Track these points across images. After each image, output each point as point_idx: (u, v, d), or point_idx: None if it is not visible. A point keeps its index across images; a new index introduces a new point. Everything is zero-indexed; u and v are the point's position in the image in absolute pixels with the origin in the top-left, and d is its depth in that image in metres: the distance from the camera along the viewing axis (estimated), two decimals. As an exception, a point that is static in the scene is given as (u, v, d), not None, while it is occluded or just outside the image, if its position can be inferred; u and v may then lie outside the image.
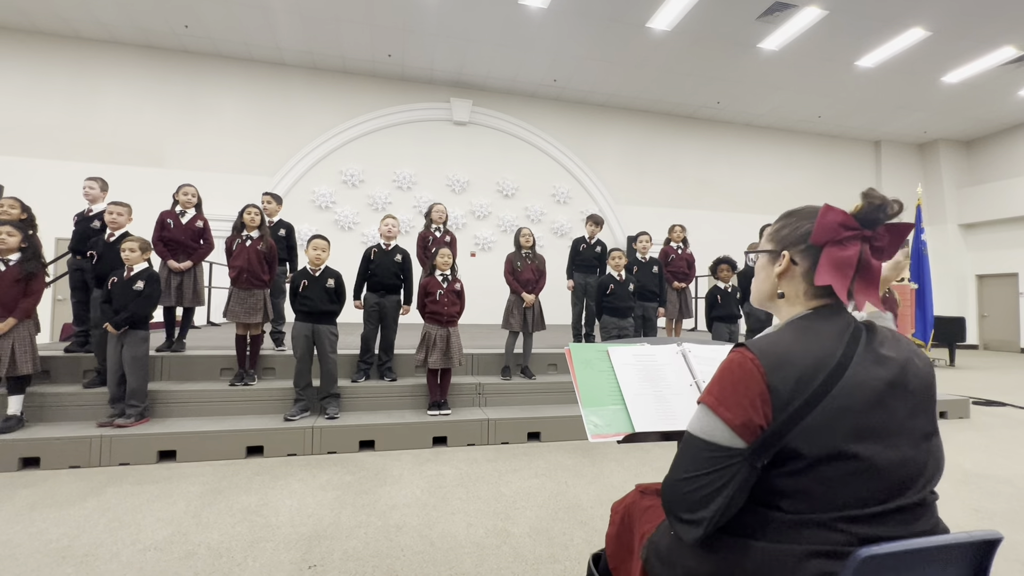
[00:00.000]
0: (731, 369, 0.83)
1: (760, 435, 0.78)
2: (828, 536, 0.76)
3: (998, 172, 12.25)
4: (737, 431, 0.79)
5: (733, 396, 0.81)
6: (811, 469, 0.77)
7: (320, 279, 3.82)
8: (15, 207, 3.81)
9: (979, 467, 3.51)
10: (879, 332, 0.87)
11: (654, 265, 5.29)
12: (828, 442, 0.76)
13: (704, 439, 0.83)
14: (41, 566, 2.04)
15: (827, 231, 0.88)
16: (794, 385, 0.78)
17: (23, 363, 3.26)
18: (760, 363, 0.80)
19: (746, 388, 0.80)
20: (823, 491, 0.77)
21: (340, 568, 2.07)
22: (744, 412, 0.79)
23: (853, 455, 0.77)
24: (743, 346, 0.85)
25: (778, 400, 0.78)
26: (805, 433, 0.76)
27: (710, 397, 0.84)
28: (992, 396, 6.17)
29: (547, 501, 2.80)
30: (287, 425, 3.59)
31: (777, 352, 0.81)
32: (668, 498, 0.85)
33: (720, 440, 0.81)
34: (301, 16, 7.89)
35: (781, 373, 0.79)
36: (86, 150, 8.48)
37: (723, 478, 0.79)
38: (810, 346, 0.82)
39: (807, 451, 0.76)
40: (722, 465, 0.80)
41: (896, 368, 0.83)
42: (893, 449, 0.79)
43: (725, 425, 0.80)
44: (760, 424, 0.78)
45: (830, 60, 8.93)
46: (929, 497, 0.82)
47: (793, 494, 0.78)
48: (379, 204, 9.61)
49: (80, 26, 8.24)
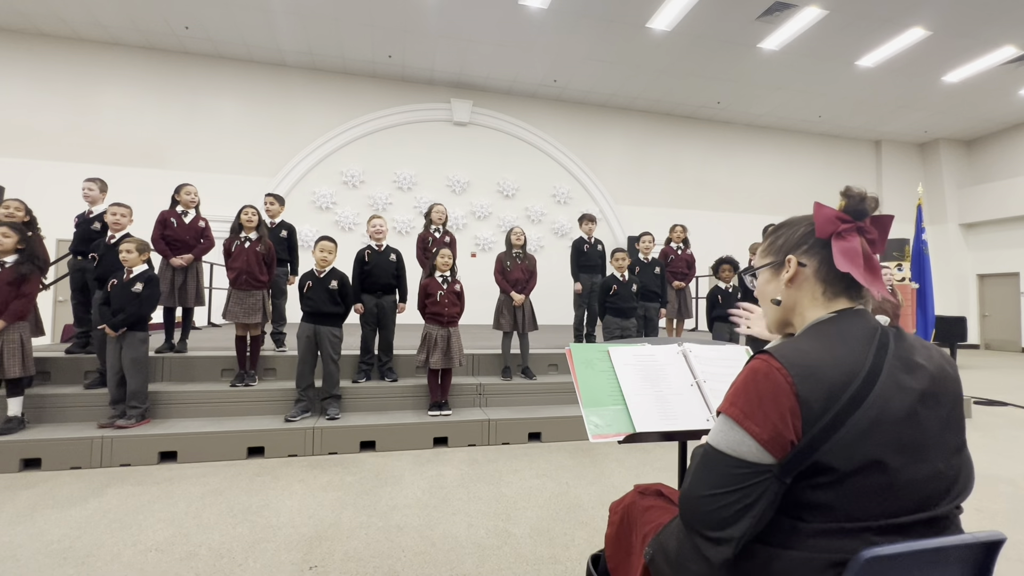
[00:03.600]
0: (756, 380, 0.79)
1: (791, 450, 0.74)
2: (848, 544, 0.73)
3: (999, 172, 12.23)
4: (766, 446, 0.75)
5: (760, 409, 0.77)
6: (841, 483, 0.74)
7: (324, 281, 3.83)
8: (20, 209, 3.82)
9: (981, 467, 3.50)
10: (907, 338, 0.84)
11: (656, 265, 5.29)
12: (860, 456, 0.73)
13: (730, 455, 0.78)
14: (42, 567, 2.04)
15: (828, 223, 0.89)
16: (825, 398, 0.74)
17: (11, 366, 3.22)
18: (789, 374, 0.76)
19: (775, 401, 0.76)
20: (850, 504, 0.74)
21: (341, 569, 2.07)
22: (773, 427, 0.75)
23: (884, 469, 0.74)
24: (767, 353, 0.80)
25: (809, 414, 0.74)
26: (837, 447, 0.73)
27: (734, 409, 0.80)
28: (994, 396, 6.17)
29: (548, 502, 2.80)
30: (288, 426, 3.59)
31: (806, 362, 0.77)
32: (691, 515, 0.81)
33: (747, 456, 0.76)
34: (301, 17, 7.90)
35: (810, 384, 0.75)
36: (87, 151, 8.48)
37: (752, 495, 0.75)
38: (839, 354, 0.78)
39: (839, 465, 0.73)
40: (751, 482, 0.75)
41: (927, 378, 0.80)
42: (925, 463, 0.76)
43: (753, 440, 0.76)
44: (791, 440, 0.74)
45: (830, 60, 8.93)
46: (954, 512, 0.80)
47: (819, 507, 0.75)
48: (380, 205, 9.62)
49: (81, 28, 8.25)
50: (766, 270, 0.98)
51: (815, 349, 0.79)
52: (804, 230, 0.93)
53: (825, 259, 0.89)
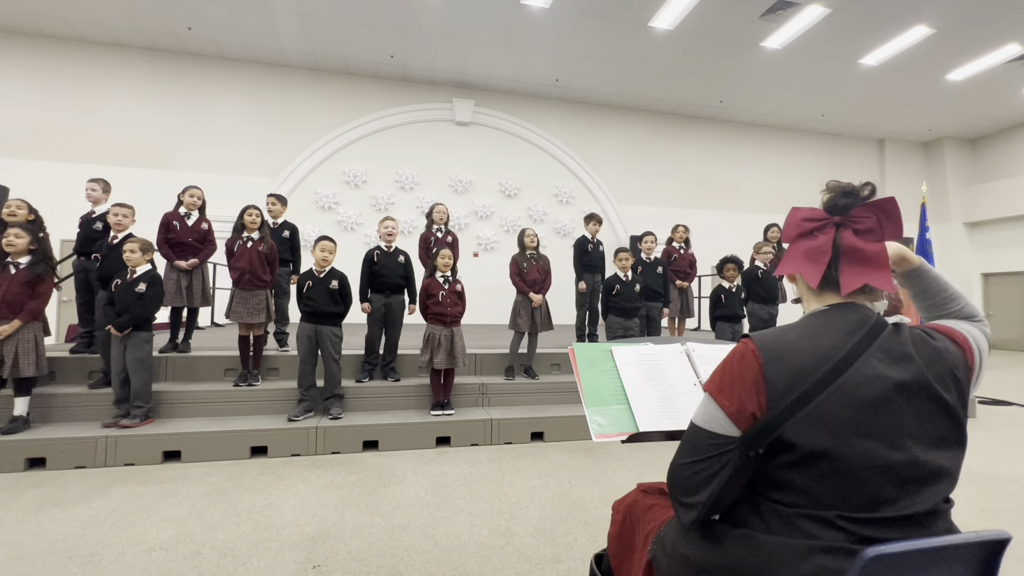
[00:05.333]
0: (733, 360, 0.86)
1: (753, 424, 0.80)
2: (828, 532, 0.75)
3: (1003, 170, 12.17)
4: (732, 418, 0.82)
5: (731, 385, 0.84)
6: (807, 462, 0.77)
7: (324, 280, 3.83)
8: (22, 208, 3.84)
9: (986, 467, 3.48)
10: (904, 332, 0.85)
11: (658, 265, 5.29)
12: (824, 436, 0.76)
13: (703, 427, 0.86)
14: (47, 566, 2.05)
15: (791, 228, 0.95)
16: (790, 378, 0.79)
17: (26, 366, 3.26)
18: (760, 354, 0.83)
19: (742, 378, 0.83)
20: (819, 486, 0.77)
21: (344, 568, 2.07)
22: (740, 400, 0.82)
23: (849, 451, 0.76)
24: (748, 337, 0.87)
25: (773, 391, 0.80)
26: (800, 425, 0.77)
27: (712, 385, 0.87)
28: (999, 395, 6.14)
29: (551, 501, 2.80)
30: (291, 425, 3.59)
31: (779, 345, 0.83)
32: (670, 481, 0.90)
33: (716, 428, 0.84)
34: (304, 17, 7.91)
35: (778, 365, 0.81)
36: (91, 152, 8.51)
37: (717, 464, 0.82)
38: (815, 341, 0.83)
39: (801, 443, 0.77)
40: (717, 452, 0.83)
41: (914, 369, 0.80)
42: (899, 450, 0.77)
43: (723, 412, 0.83)
44: (753, 412, 0.80)
45: (833, 58, 8.89)
46: (942, 506, 0.80)
47: (788, 487, 0.79)
48: (382, 205, 9.63)
49: (84, 29, 8.28)
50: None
51: (792, 336, 0.85)
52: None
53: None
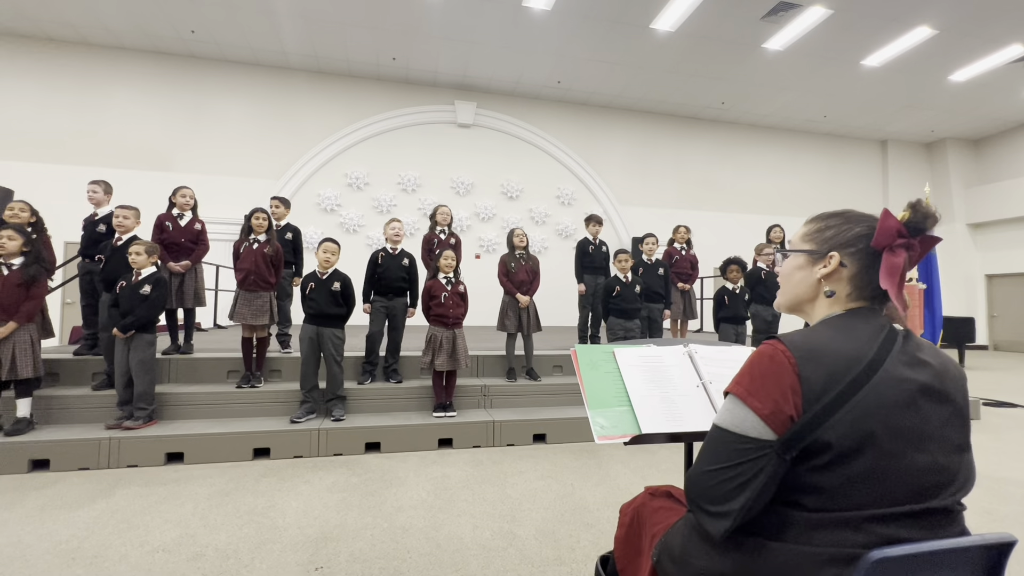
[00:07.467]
0: (761, 360, 0.83)
1: (791, 426, 0.77)
2: (850, 537, 0.74)
3: (1007, 171, 12.13)
4: (767, 421, 0.78)
5: (763, 387, 0.80)
6: (837, 464, 0.76)
7: (327, 282, 3.84)
8: (25, 210, 3.86)
9: (990, 469, 3.47)
10: (915, 338, 0.87)
11: (659, 267, 5.28)
12: (857, 435, 0.75)
13: (733, 431, 0.82)
14: (51, 567, 2.06)
15: (887, 236, 0.88)
16: (825, 378, 0.77)
17: (23, 367, 3.26)
18: (792, 354, 0.80)
19: (777, 379, 0.79)
20: (849, 488, 0.76)
21: (347, 570, 2.07)
22: (775, 402, 0.78)
23: (880, 451, 0.76)
24: (774, 338, 0.84)
25: (809, 392, 0.77)
26: (836, 427, 0.75)
27: (739, 388, 0.83)
28: (1003, 397, 6.11)
29: (553, 503, 2.79)
30: (293, 427, 3.60)
31: (809, 346, 0.81)
32: (695, 490, 0.85)
33: (750, 431, 0.80)
34: (306, 20, 7.94)
35: (812, 365, 0.78)
36: (94, 155, 8.56)
37: (752, 470, 0.78)
38: (844, 343, 0.81)
39: (837, 444, 0.75)
40: (752, 456, 0.79)
41: (932, 374, 0.82)
42: (924, 453, 0.77)
43: (755, 416, 0.79)
44: (791, 415, 0.77)
45: (835, 59, 8.89)
46: (956, 506, 0.80)
47: (818, 490, 0.77)
48: (384, 207, 9.65)
49: (88, 32, 8.33)
50: (802, 256, 0.97)
51: (821, 336, 0.83)
52: (858, 231, 0.92)
53: (866, 267, 0.90)
